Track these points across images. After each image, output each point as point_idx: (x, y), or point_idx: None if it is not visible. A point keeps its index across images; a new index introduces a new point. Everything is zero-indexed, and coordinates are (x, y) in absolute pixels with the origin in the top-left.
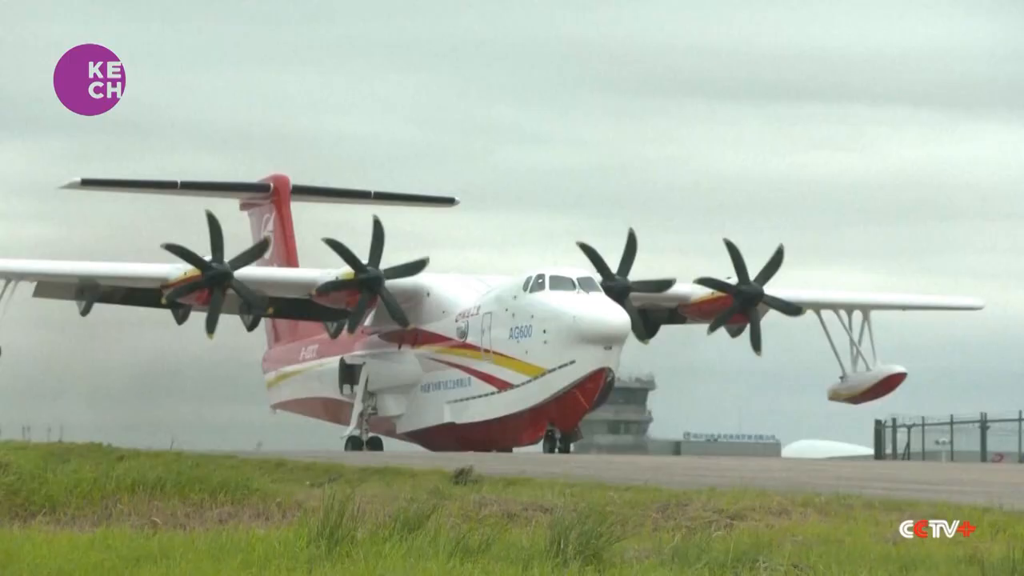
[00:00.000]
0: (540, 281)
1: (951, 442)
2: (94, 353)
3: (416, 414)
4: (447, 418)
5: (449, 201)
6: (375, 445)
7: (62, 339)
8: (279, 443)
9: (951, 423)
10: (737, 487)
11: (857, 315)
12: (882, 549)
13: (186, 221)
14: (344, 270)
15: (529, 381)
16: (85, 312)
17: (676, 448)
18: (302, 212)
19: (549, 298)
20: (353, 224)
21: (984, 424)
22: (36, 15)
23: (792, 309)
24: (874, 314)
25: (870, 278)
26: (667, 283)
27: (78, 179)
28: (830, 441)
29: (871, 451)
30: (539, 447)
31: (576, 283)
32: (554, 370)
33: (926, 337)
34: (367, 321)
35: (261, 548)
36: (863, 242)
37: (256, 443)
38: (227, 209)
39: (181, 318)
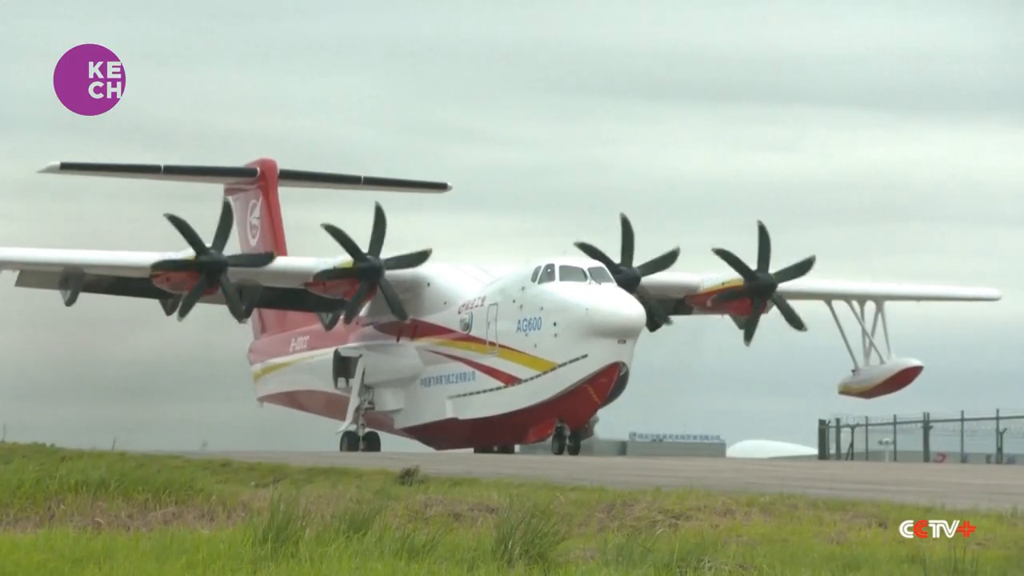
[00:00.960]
0: (549, 271)
1: (894, 442)
2: (59, 351)
3: (415, 409)
4: (449, 413)
5: (441, 187)
6: (372, 441)
7: (34, 335)
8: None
9: (894, 423)
10: (682, 487)
11: (870, 306)
12: (826, 549)
13: (173, 210)
14: (343, 259)
15: (538, 376)
16: (70, 302)
17: (622, 448)
18: (290, 203)
19: (560, 289)
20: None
21: (927, 424)
22: (36, 15)
23: (796, 324)
24: (886, 305)
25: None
26: (672, 255)
27: (57, 163)
28: (775, 441)
29: (815, 451)
30: (541, 445)
31: (587, 273)
32: (565, 364)
33: (937, 329)
34: (362, 311)
35: (206, 549)
36: (808, 243)
37: (202, 443)
38: (211, 195)
39: (170, 308)
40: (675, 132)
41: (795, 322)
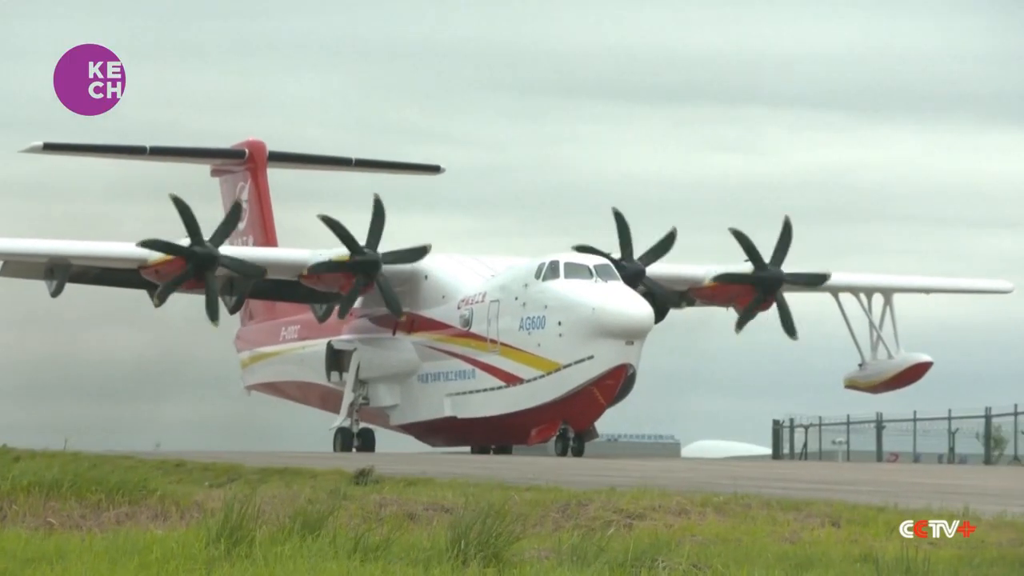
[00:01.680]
0: (554, 268)
1: (847, 442)
2: (21, 348)
3: (412, 406)
4: (447, 412)
5: (434, 169)
6: (366, 438)
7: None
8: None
9: (847, 423)
10: (637, 487)
11: (878, 298)
12: (779, 548)
13: (160, 189)
14: (339, 251)
15: (541, 376)
16: (56, 293)
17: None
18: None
19: (564, 287)
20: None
21: (880, 424)
22: (36, 15)
23: (789, 330)
24: (895, 298)
25: None
26: (670, 238)
27: (40, 143)
28: (729, 441)
29: (769, 451)
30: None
31: (593, 271)
32: (570, 365)
33: (944, 323)
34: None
35: (159, 549)
36: (760, 245)
37: (155, 443)
38: (197, 176)
39: (159, 301)
40: (627, 132)
41: (789, 328)
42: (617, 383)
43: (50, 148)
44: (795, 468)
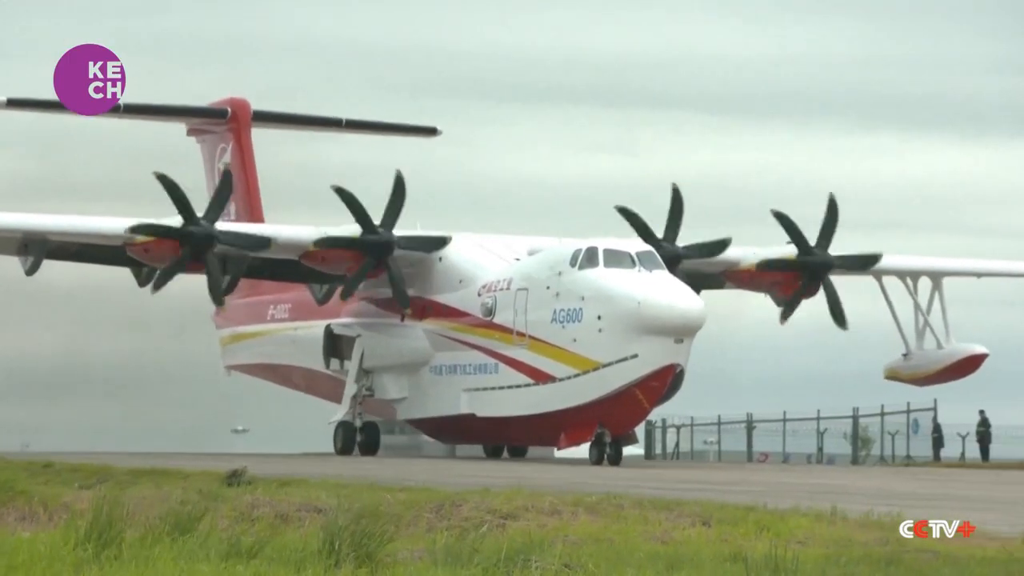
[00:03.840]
0: (592, 255)
1: (719, 442)
2: None
3: (422, 400)
4: (464, 408)
5: (431, 131)
6: (370, 432)
7: None
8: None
9: (719, 424)
10: (510, 487)
11: (925, 283)
12: (651, 548)
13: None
14: (349, 228)
15: (577, 375)
16: (31, 271)
17: (452, 450)
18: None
19: (604, 276)
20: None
21: (750, 425)
22: (36, 15)
23: (839, 320)
24: (945, 282)
25: None
26: (722, 244)
27: (4, 98)
28: None
29: (642, 451)
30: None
31: (635, 259)
32: (611, 364)
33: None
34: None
35: (26, 551)
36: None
37: (23, 443)
38: (172, 135)
39: (144, 280)
40: (508, 133)
41: (839, 317)
42: (663, 385)
43: (14, 104)
44: (667, 468)
